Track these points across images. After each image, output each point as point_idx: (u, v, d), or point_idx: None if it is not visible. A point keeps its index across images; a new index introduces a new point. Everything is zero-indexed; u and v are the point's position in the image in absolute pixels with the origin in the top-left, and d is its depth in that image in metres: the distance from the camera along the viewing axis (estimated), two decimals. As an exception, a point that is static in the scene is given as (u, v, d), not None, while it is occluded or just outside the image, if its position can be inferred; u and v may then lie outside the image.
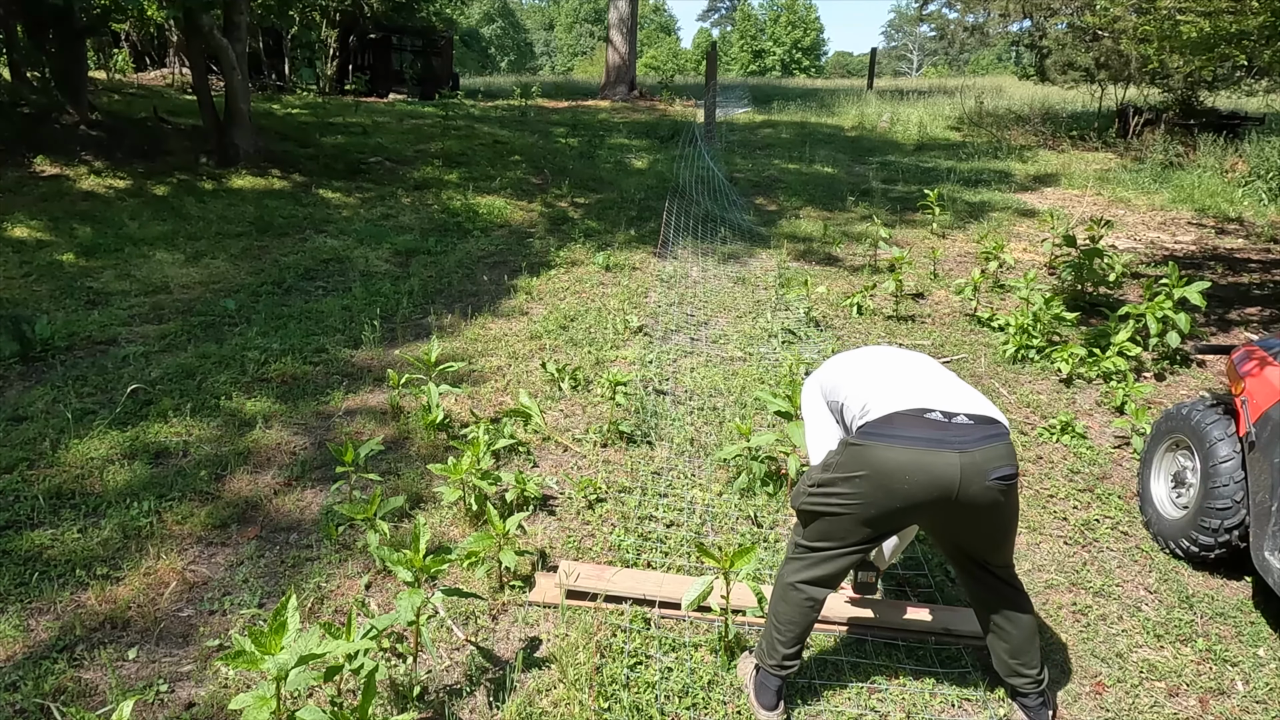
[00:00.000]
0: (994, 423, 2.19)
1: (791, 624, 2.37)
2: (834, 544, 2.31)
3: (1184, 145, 12.88)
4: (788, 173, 11.66)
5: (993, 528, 2.30)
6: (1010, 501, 2.23)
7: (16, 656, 2.55)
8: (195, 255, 6.78)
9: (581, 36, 73.98)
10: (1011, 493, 2.21)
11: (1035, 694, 2.43)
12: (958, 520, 2.26)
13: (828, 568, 2.33)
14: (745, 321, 5.87)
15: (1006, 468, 2.14)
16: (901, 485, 2.14)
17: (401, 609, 2.24)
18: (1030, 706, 2.44)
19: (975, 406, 2.23)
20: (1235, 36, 5.85)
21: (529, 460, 3.92)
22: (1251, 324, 6.08)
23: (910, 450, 2.13)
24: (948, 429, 2.15)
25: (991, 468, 2.12)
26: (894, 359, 2.47)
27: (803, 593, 2.35)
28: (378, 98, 18.49)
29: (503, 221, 8.52)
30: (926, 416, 2.17)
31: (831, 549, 2.32)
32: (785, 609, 2.38)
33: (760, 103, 21.15)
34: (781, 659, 2.38)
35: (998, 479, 2.12)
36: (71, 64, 10.00)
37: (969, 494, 2.12)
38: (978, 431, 2.15)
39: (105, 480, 3.51)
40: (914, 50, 70.78)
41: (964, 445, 2.12)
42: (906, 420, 2.17)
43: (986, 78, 31.38)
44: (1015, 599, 2.41)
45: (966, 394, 2.29)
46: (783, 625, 2.37)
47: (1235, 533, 3.06)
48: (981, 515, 2.21)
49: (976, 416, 2.19)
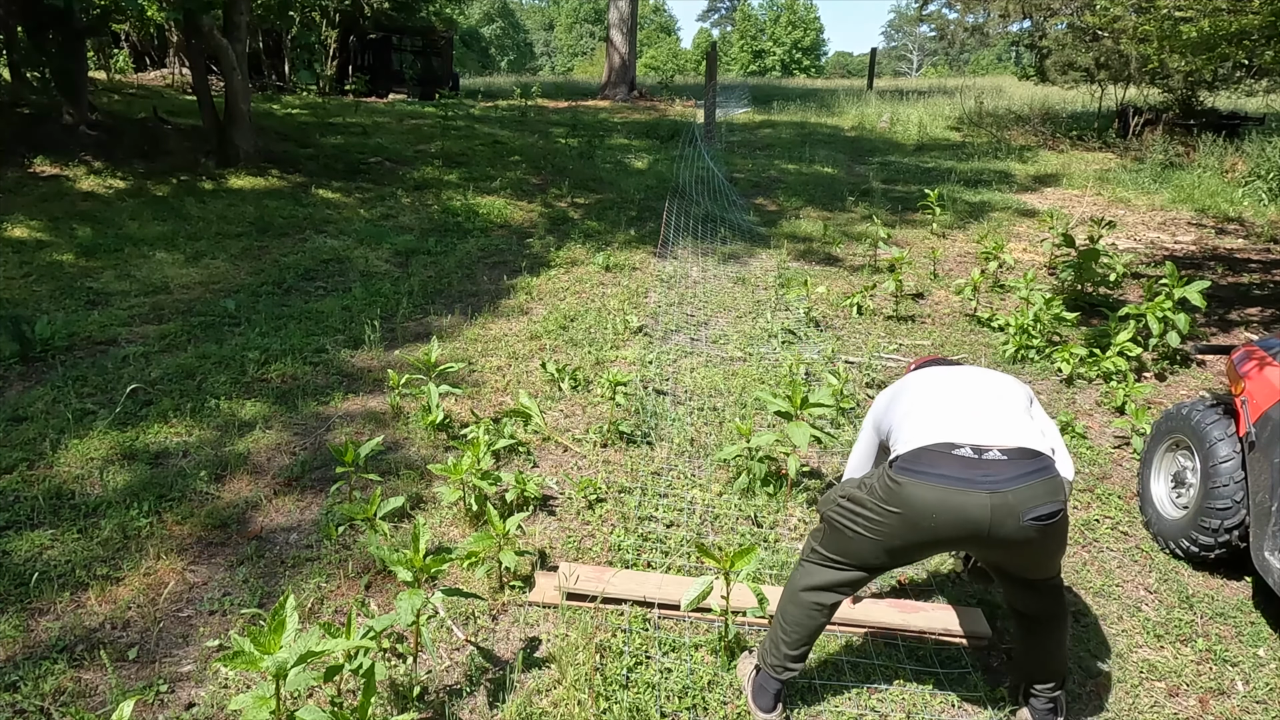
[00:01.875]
0: (1034, 456, 2.09)
1: (798, 627, 2.34)
2: (851, 561, 2.28)
3: (1184, 145, 12.89)
4: (788, 173, 11.66)
5: (1032, 558, 2.23)
6: (1050, 536, 2.12)
7: (16, 657, 2.55)
8: (195, 255, 6.78)
9: (581, 37, 73.99)
10: (1051, 529, 2.09)
11: (1046, 698, 2.42)
12: (994, 552, 2.22)
13: (842, 576, 2.30)
14: (745, 322, 5.87)
15: (1046, 506, 2.04)
16: (928, 523, 2.09)
17: (401, 609, 2.24)
18: (1039, 710, 2.43)
19: (1013, 439, 2.11)
20: (1235, 36, 5.85)
21: (529, 460, 3.92)
22: (1251, 324, 6.08)
23: (938, 489, 2.06)
24: (977, 467, 2.06)
25: (1027, 508, 2.03)
26: (945, 386, 2.35)
27: (813, 599, 2.32)
28: (378, 98, 18.49)
29: (503, 221, 8.52)
30: (955, 453, 2.09)
31: (847, 565, 2.29)
32: (793, 611, 2.35)
33: (760, 103, 21.16)
34: (785, 660, 2.35)
35: (1033, 520, 2.03)
36: (71, 64, 9.99)
37: (1002, 534, 2.05)
38: (1012, 469, 2.06)
39: (105, 481, 3.51)
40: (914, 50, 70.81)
41: (995, 485, 2.03)
42: (934, 456, 2.11)
43: (986, 78, 31.39)
44: (1052, 610, 2.35)
45: (1007, 425, 2.16)
46: (789, 627, 2.35)
47: (1235, 533, 3.06)
48: (1019, 549, 2.14)
49: (1012, 450, 2.08)
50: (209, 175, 9.40)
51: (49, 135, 9.46)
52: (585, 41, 72.88)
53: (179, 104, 13.20)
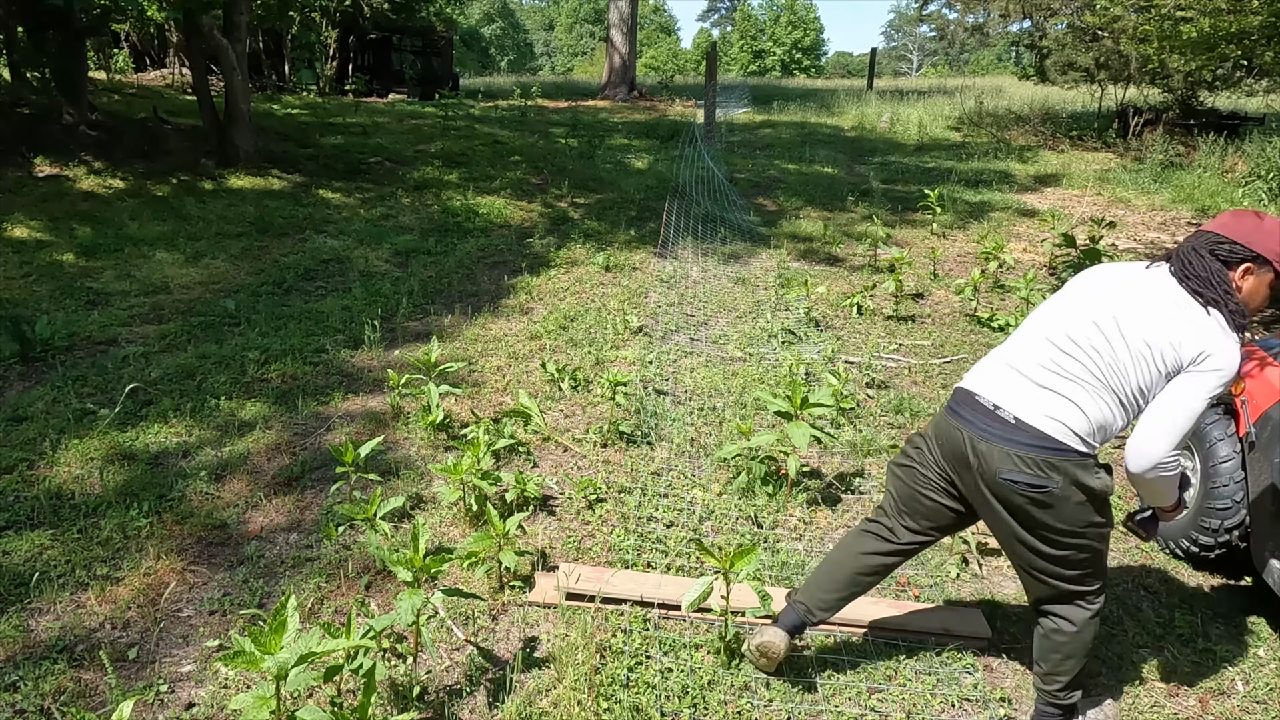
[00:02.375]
0: (1042, 435, 2.08)
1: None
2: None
3: (1184, 145, 12.89)
4: (788, 173, 11.66)
5: (1017, 529, 2.19)
6: (1039, 510, 2.12)
7: (16, 657, 2.55)
8: (195, 255, 6.78)
9: (581, 37, 74.00)
10: (1038, 502, 2.10)
11: (1043, 703, 2.39)
12: (986, 500, 2.21)
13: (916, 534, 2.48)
14: (745, 322, 5.87)
15: (1017, 474, 2.09)
16: (936, 449, 2.33)
17: (401, 609, 2.24)
18: (1034, 713, 2.43)
19: (1035, 414, 2.10)
20: (1235, 36, 5.85)
21: (529, 460, 3.92)
22: (1251, 324, 6.08)
23: (944, 421, 2.30)
24: (983, 416, 2.18)
25: (1002, 468, 2.11)
26: (1060, 317, 2.20)
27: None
28: (378, 98, 18.49)
29: (503, 222, 8.52)
30: (977, 399, 2.22)
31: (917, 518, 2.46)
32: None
33: (760, 103, 21.16)
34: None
35: (1006, 480, 2.11)
36: (71, 64, 9.99)
37: (987, 477, 2.16)
38: (1014, 433, 2.11)
39: (105, 481, 3.51)
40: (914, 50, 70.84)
41: (986, 434, 2.15)
42: (962, 397, 2.28)
43: (986, 78, 31.40)
44: (1044, 619, 2.34)
45: (1046, 400, 2.11)
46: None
47: (1235, 533, 3.06)
48: (1003, 510, 2.18)
49: (1026, 424, 2.10)
50: (209, 175, 9.40)
51: (49, 135, 9.46)
52: (585, 41, 72.88)
53: (179, 104, 13.20)
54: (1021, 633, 2.87)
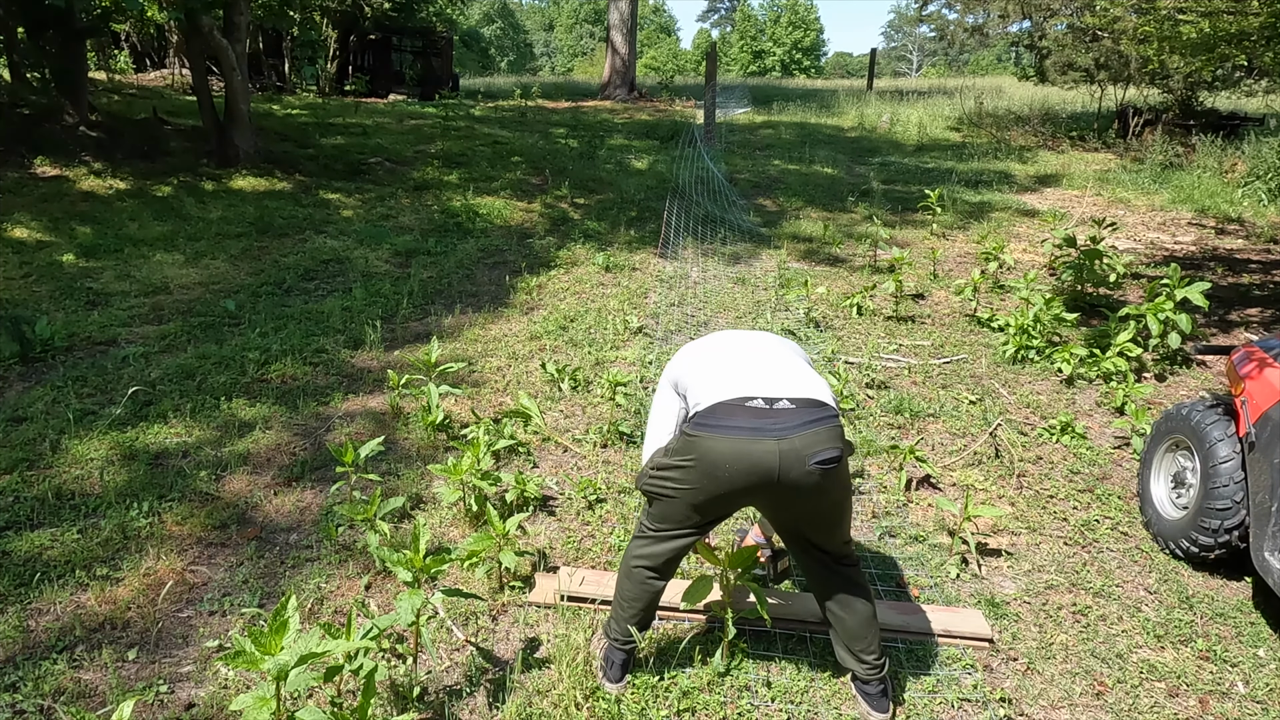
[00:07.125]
0: (819, 405, 2.21)
1: (634, 600, 2.49)
2: (671, 525, 2.39)
3: (1183, 146, 12.90)
4: (788, 173, 11.66)
5: (819, 510, 2.31)
6: (834, 484, 2.23)
7: (16, 657, 2.55)
8: (195, 256, 6.78)
9: (581, 37, 74.04)
10: (833, 476, 2.20)
11: (875, 681, 2.45)
12: (785, 504, 2.29)
13: (665, 546, 2.42)
14: (745, 322, 5.87)
15: (826, 451, 2.15)
16: (724, 473, 2.19)
17: (401, 609, 2.24)
18: (871, 694, 2.45)
19: (801, 390, 2.23)
20: (1235, 37, 5.85)
21: (529, 461, 3.92)
22: (1251, 324, 6.08)
23: (731, 439, 2.17)
24: (767, 416, 2.17)
25: (811, 452, 2.14)
26: (735, 345, 2.46)
27: (643, 571, 2.46)
28: (378, 98, 18.50)
29: (503, 222, 8.52)
30: (748, 405, 2.20)
31: (668, 530, 2.41)
32: (628, 586, 2.50)
33: (760, 103, 21.16)
34: (624, 634, 2.52)
35: (817, 464, 2.14)
36: (71, 64, 10.00)
37: (790, 479, 2.15)
38: (799, 416, 2.17)
39: (105, 481, 3.51)
40: (914, 51, 70.86)
41: (783, 432, 2.15)
42: (729, 410, 2.21)
43: (986, 78, 31.41)
44: (850, 584, 2.42)
45: (796, 377, 2.28)
46: (626, 602, 2.51)
47: (1235, 533, 3.06)
48: (807, 499, 2.22)
49: (801, 400, 2.20)
50: (209, 176, 9.41)
51: (49, 135, 9.47)
52: (585, 42, 72.91)
53: (179, 104, 13.21)
54: (1022, 633, 2.87)
